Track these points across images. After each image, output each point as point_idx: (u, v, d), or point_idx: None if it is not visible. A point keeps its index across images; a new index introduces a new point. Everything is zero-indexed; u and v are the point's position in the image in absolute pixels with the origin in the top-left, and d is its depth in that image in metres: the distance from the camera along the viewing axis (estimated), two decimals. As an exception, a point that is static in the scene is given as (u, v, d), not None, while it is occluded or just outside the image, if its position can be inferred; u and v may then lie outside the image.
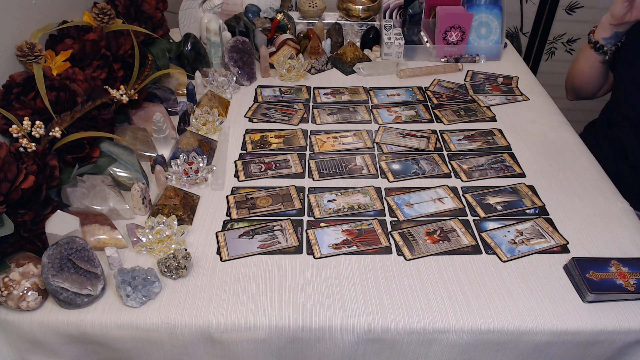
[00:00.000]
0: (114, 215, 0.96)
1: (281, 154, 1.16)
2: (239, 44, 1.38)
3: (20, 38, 0.98)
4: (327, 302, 0.82)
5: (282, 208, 1.01)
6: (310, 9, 1.60)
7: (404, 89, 1.41)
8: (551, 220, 0.98)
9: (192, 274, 0.87)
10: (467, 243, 0.93)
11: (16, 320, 0.79)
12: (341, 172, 1.10)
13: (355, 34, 1.63)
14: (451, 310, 0.81)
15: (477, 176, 1.09)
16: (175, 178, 1.05)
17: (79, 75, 1.01)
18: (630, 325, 0.79)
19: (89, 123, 1.00)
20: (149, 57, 1.22)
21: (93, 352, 0.83)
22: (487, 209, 1.00)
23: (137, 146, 1.10)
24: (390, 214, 0.99)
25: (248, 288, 0.84)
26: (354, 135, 1.22)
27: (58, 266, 0.78)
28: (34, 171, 0.82)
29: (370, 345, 0.81)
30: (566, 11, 2.07)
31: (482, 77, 1.47)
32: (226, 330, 0.79)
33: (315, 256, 0.90)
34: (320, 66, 1.48)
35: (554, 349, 0.81)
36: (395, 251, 0.91)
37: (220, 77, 1.34)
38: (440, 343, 0.80)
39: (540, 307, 0.81)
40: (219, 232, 0.95)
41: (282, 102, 1.35)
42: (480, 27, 1.53)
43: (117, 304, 0.81)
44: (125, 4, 1.21)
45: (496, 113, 1.30)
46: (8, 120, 0.87)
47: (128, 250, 0.91)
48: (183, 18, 1.46)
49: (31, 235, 0.84)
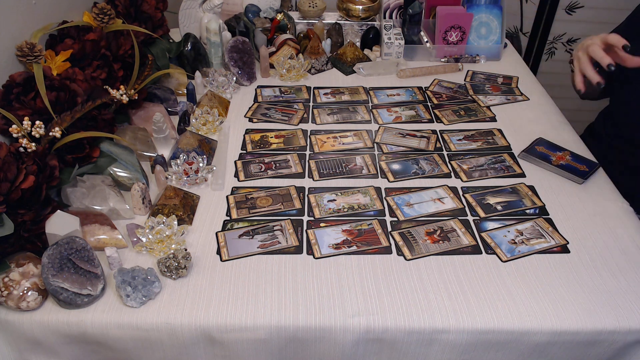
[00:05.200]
0: (114, 215, 0.96)
1: (281, 154, 1.16)
2: (239, 44, 1.38)
3: (20, 38, 0.98)
4: (327, 302, 0.82)
5: (282, 208, 1.01)
6: (310, 9, 1.60)
7: (404, 89, 1.41)
8: (551, 220, 0.98)
9: (192, 274, 0.87)
10: (467, 243, 0.93)
11: (16, 320, 0.79)
12: (341, 172, 1.10)
13: (355, 34, 1.63)
14: (451, 310, 0.81)
15: (477, 176, 1.09)
16: (175, 178, 1.05)
17: (79, 75, 1.01)
18: (630, 325, 0.79)
19: (89, 123, 1.00)
20: (149, 57, 1.22)
21: (93, 352, 0.83)
22: (487, 209, 1.00)
23: (137, 146, 1.10)
24: (390, 214, 0.99)
25: (248, 288, 0.84)
26: (354, 135, 1.22)
27: (58, 266, 0.78)
28: (34, 171, 0.82)
29: (370, 345, 0.81)
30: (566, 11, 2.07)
31: (482, 77, 1.47)
32: (226, 330, 0.79)
33: (315, 256, 0.90)
34: (320, 66, 1.48)
35: (554, 349, 0.81)
36: (395, 251, 0.91)
37: (220, 77, 1.34)
38: (440, 343, 0.80)
39: (540, 307, 0.81)
40: (219, 232, 0.95)
41: (282, 102, 1.35)
42: (480, 27, 1.53)
43: (117, 304, 0.81)
44: (125, 4, 1.21)
45: (496, 113, 1.30)
46: (8, 120, 0.87)
47: (128, 250, 0.91)
48: (183, 18, 1.46)
49: (31, 235, 0.84)
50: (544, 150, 1.14)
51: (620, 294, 0.83)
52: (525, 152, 1.14)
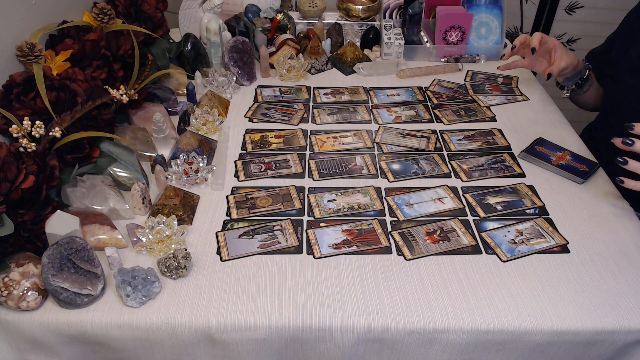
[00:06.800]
0: (114, 215, 0.96)
1: (281, 154, 1.16)
2: (239, 44, 1.38)
3: (20, 38, 0.98)
4: (327, 302, 0.82)
5: (282, 208, 1.01)
6: (310, 9, 1.60)
7: (404, 89, 1.41)
8: (551, 220, 0.98)
9: (192, 274, 0.87)
10: (467, 243, 0.93)
11: (16, 320, 0.79)
12: (341, 172, 1.10)
13: (355, 34, 1.63)
14: (451, 310, 0.81)
15: (477, 176, 1.09)
16: (175, 178, 1.05)
17: (79, 75, 1.01)
18: (630, 325, 0.79)
19: (89, 123, 1.00)
20: (149, 57, 1.22)
21: (93, 352, 0.83)
22: (487, 209, 1.00)
23: (137, 146, 1.10)
24: (390, 214, 0.99)
25: (248, 288, 0.84)
26: (354, 135, 1.22)
27: (58, 266, 0.78)
28: (34, 171, 0.82)
29: (370, 345, 0.81)
30: (566, 11, 2.07)
31: (482, 77, 1.47)
32: (226, 330, 0.79)
33: (315, 256, 0.90)
34: (320, 66, 1.48)
35: (554, 349, 0.81)
36: (395, 251, 0.91)
37: (220, 77, 1.34)
38: (440, 343, 0.80)
39: (540, 307, 0.81)
40: (219, 232, 0.95)
41: (282, 102, 1.35)
42: (480, 27, 1.53)
43: (117, 304, 0.81)
44: (125, 4, 1.21)
45: (496, 113, 1.30)
46: (8, 120, 0.87)
47: (128, 250, 0.91)
48: (183, 18, 1.46)
49: (31, 235, 0.84)
50: (544, 150, 1.14)
51: (620, 294, 0.83)
52: (525, 152, 1.14)
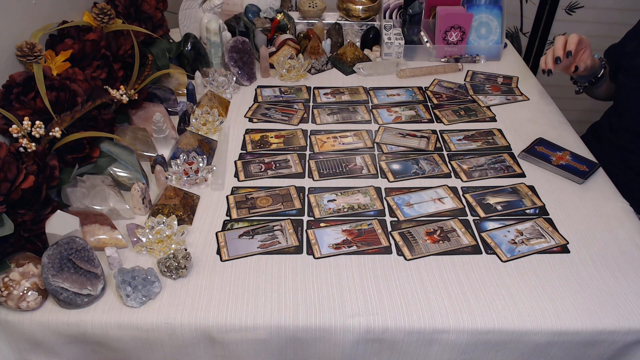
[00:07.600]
0: (114, 215, 0.96)
1: (281, 154, 1.16)
2: (239, 44, 1.38)
3: (20, 38, 0.98)
4: (327, 302, 0.82)
5: (282, 208, 1.01)
6: (310, 9, 1.60)
7: (404, 89, 1.41)
8: (551, 220, 0.98)
9: (192, 274, 0.87)
10: (467, 243, 0.93)
11: (16, 320, 0.79)
12: (341, 172, 1.10)
13: (355, 34, 1.63)
14: (451, 310, 0.81)
15: (477, 176, 1.09)
16: (175, 178, 1.05)
17: (79, 75, 1.01)
18: (630, 325, 0.79)
19: (89, 123, 1.00)
20: (149, 57, 1.22)
21: (93, 352, 0.83)
22: (487, 209, 1.00)
23: (137, 146, 1.10)
24: (390, 214, 0.99)
25: (248, 288, 0.84)
26: (354, 135, 1.22)
27: (58, 266, 0.78)
28: (34, 171, 0.82)
29: (370, 346, 0.81)
30: (566, 11, 2.07)
31: (482, 77, 1.47)
32: (226, 330, 0.79)
33: (315, 256, 0.90)
34: (320, 66, 1.48)
35: (554, 349, 0.81)
36: (395, 251, 0.91)
37: (220, 77, 1.34)
38: (440, 343, 0.80)
39: (540, 307, 0.81)
40: (219, 232, 0.95)
41: (282, 102, 1.35)
42: (480, 27, 1.53)
43: (117, 304, 0.81)
44: (125, 4, 1.21)
45: (496, 113, 1.30)
46: (8, 120, 0.87)
47: (128, 250, 0.91)
48: (183, 18, 1.46)
49: (31, 235, 0.84)
50: (544, 150, 1.14)
51: (620, 294, 0.83)
52: (525, 152, 1.14)
